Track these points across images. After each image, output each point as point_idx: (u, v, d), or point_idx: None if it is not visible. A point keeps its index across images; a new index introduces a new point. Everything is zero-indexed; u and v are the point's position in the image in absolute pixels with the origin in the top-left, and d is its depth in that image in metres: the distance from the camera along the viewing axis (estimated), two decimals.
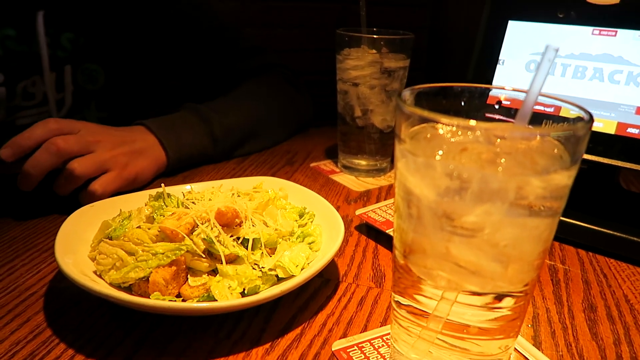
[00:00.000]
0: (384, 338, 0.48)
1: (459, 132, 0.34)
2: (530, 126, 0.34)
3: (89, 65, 0.91)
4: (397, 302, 0.40)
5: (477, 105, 0.40)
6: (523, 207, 0.33)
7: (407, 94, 0.37)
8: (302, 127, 1.10)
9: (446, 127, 0.34)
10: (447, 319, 0.36)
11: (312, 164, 0.93)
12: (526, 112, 0.33)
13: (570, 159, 0.33)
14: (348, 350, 0.47)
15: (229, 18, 1.11)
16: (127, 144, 0.77)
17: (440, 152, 0.34)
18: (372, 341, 0.48)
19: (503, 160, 0.33)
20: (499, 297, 0.36)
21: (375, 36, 0.82)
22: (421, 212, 0.35)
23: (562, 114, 0.73)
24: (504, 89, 0.39)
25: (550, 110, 0.72)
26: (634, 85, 0.64)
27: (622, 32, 0.64)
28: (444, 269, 0.35)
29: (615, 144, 0.64)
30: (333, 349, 0.47)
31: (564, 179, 0.33)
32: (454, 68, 1.56)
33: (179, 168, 0.86)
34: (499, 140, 0.33)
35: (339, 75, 0.86)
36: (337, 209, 0.74)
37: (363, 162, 0.89)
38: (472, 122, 0.31)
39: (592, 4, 0.66)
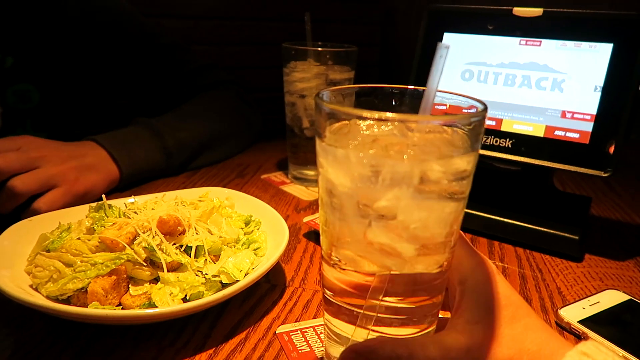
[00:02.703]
0: None
1: (373, 125, 0.36)
2: (429, 115, 0.37)
3: (20, 86, 0.88)
4: (327, 299, 0.41)
5: (391, 105, 0.43)
6: (428, 192, 0.35)
7: (326, 94, 0.40)
8: (253, 141, 1.11)
9: (359, 120, 0.36)
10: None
11: (263, 176, 0.94)
12: (427, 106, 0.37)
13: (469, 146, 0.35)
14: (290, 334, 0.49)
15: (178, 36, 1.11)
16: (76, 158, 0.74)
17: (355, 143, 0.36)
18: (315, 327, 0.50)
19: (408, 147, 0.35)
20: (417, 278, 0.38)
21: (320, 49, 0.84)
22: (342, 201, 0.37)
23: (503, 128, 0.76)
24: (407, 87, 0.42)
25: (492, 123, 0.76)
26: (558, 91, 0.68)
27: (546, 42, 0.69)
28: (364, 254, 0.37)
29: (544, 146, 0.68)
30: (277, 332, 0.48)
31: (463, 164, 0.36)
32: (403, 82, 1.61)
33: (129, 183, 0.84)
34: (405, 129, 0.36)
35: (286, 87, 0.88)
36: (287, 218, 0.75)
37: (312, 172, 0.90)
38: (383, 115, 0.34)
39: (519, 17, 0.71)
